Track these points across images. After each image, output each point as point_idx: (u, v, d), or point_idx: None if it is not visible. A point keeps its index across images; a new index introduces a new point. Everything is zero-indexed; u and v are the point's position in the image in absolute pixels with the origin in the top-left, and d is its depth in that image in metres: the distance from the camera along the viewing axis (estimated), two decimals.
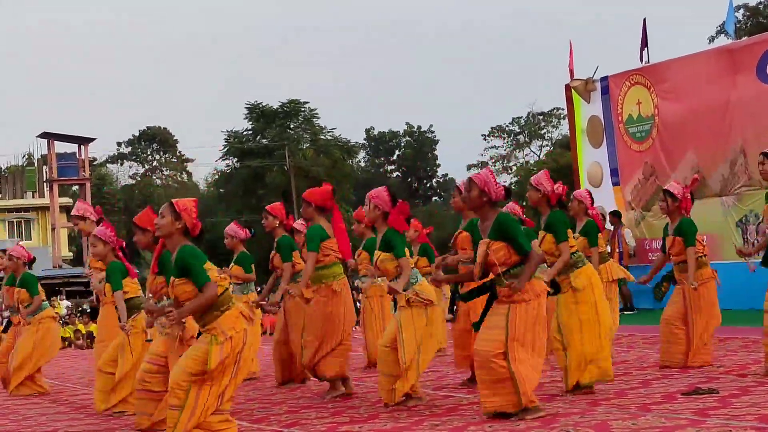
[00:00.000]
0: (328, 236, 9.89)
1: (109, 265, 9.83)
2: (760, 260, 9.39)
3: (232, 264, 12.64)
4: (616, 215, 19.03)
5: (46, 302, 12.60)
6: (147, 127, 74.78)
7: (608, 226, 18.63)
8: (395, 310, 9.39)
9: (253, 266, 12.94)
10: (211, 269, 7.35)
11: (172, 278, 7.39)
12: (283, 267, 11.01)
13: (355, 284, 17.98)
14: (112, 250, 9.86)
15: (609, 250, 17.54)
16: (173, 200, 7.54)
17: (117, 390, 9.73)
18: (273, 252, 11.28)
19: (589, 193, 11.55)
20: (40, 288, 12.37)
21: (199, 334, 7.43)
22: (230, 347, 7.17)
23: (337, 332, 9.90)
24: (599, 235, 11.12)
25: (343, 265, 10.30)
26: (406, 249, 8.97)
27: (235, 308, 7.32)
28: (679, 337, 10.32)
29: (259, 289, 15.59)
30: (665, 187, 10.65)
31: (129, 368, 9.58)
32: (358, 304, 14.76)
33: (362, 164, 71.97)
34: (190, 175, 75.87)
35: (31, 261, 12.54)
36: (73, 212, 10.89)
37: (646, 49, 19.88)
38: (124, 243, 10.16)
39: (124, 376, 9.65)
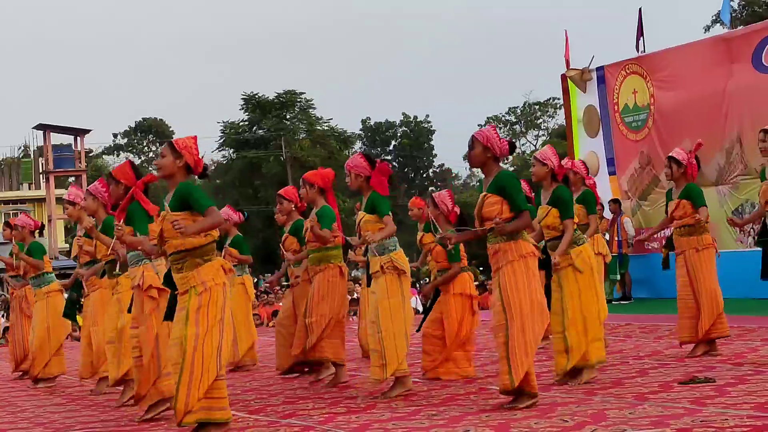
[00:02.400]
0: (335, 219, 9.95)
1: (105, 221, 9.66)
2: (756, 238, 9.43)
3: (227, 246, 12.64)
4: (616, 203, 19.02)
5: (52, 275, 12.49)
6: (143, 119, 74.67)
7: (607, 214, 18.64)
8: (368, 285, 9.38)
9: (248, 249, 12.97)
10: None
11: (164, 212, 7.27)
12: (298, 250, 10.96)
13: (353, 274, 18.02)
14: (103, 207, 9.72)
15: (608, 239, 17.58)
16: (173, 139, 7.44)
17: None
18: (285, 236, 11.19)
19: (584, 163, 11.59)
20: (48, 258, 12.34)
21: (174, 301, 7.35)
22: (208, 298, 7.11)
23: (342, 310, 10.04)
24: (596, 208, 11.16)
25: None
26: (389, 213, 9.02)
27: (216, 261, 7.27)
28: (692, 311, 10.28)
29: (256, 280, 15.59)
30: (670, 154, 10.60)
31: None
32: (356, 294, 14.79)
33: None
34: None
35: (39, 228, 12.49)
36: (65, 197, 10.94)
37: (641, 38, 19.85)
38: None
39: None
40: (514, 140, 8.22)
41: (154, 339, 8.51)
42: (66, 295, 11.79)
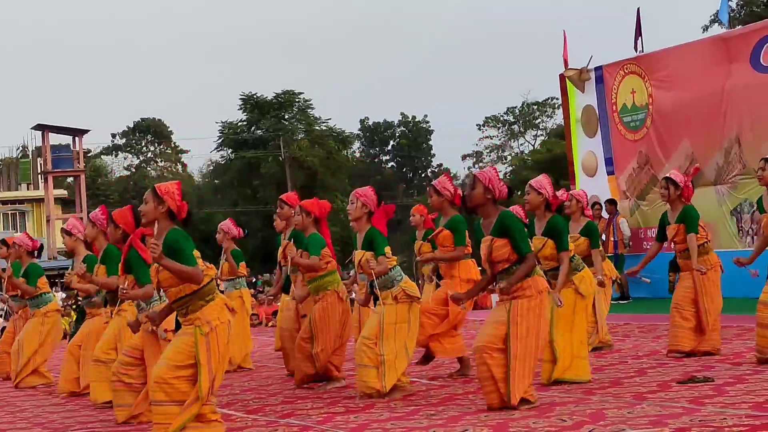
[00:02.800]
0: (325, 245, 9.93)
1: (106, 248, 9.66)
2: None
3: (223, 261, 12.66)
4: (612, 203, 19.03)
5: (51, 294, 12.48)
6: (141, 119, 74.60)
7: (604, 214, 18.66)
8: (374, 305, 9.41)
9: (243, 263, 12.98)
10: (197, 257, 7.34)
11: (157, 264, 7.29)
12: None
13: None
14: (103, 234, 9.73)
15: (603, 238, 17.59)
16: (156, 185, 7.50)
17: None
18: (285, 243, 11.10)
19: (586, 194, 11.59)
20: (44, 280, 12.30)
21: (178, 327, 7.42)
22: (215, 338, 7.16)
23: (342, 336, 10.00)
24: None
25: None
26: (387, 248, 9.02)
27: (219, 299, 7.32)
28: (689, 322, 10.29)
29: (255, 280, 15.60)
30: (668, 175, 10.62)
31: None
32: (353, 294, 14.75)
33: (357, 154, 71.88)
34: (184, 166, 75.79)
35: (36, 250, 12.43)
36: (63, 226, 10.98)
37: (640, 38, 19.85)
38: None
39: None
40: (511, 187, 8.22)
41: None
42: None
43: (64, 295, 32.97)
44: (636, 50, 19.83)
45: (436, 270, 10.35)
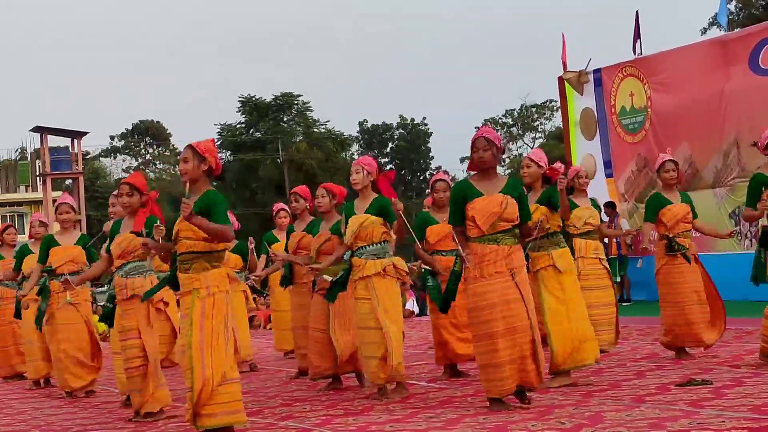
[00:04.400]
0: None
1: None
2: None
3: (228, 253, 12.62)
4: (611, 206, 19.04)
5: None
6: (140, 121, 74.69)
7: (603, 217, 18.65)
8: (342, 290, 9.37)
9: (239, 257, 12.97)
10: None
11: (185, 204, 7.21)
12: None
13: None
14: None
15: (606, 241, 17.62)
16: (192, 143, 7.40)
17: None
18: (302, 234, 10.89)
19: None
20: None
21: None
22: (212, 305, 7.13)
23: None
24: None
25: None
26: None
27: (224, 268, 7.29)
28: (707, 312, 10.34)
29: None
30: (671, 158, 10.65)
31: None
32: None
33: (355, 157, 71.89)
34: None
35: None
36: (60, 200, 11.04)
37: (638, 41, 19.88)
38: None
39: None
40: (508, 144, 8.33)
41: (157, 349, 8.57)
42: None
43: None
44: (635, 53, 19.85)
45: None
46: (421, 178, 75.64)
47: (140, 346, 8.54)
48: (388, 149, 75.08)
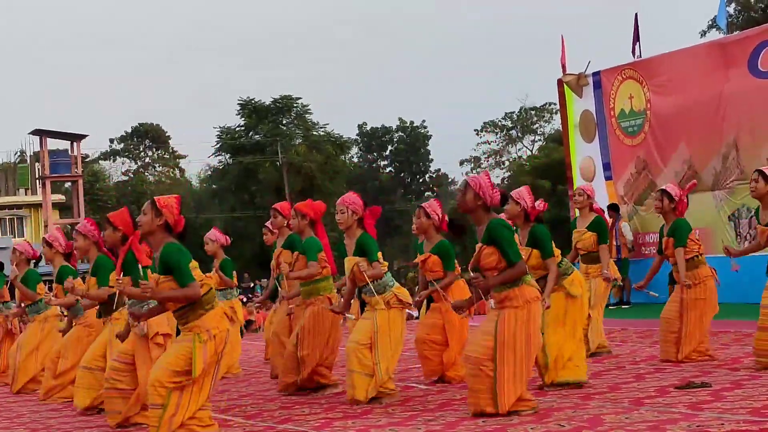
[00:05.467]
0: (322, 249, 9.91)
1: (97, 259, 9.65)
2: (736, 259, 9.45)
3: (217, 268, 12.65)
4: (614, 209, 19.01)
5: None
6: (139, 124, 74.64)
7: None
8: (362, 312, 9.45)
9: (234, 273, 12.98)
10: (195, 268, 7.38)
11: (156, 275, 7.41)
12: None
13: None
14: (95, 245, 9.72)
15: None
16: (155, 197, 7.57)
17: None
18: (279, 250, 10.93)
19: (592, 188, 11.59)
20: (42, 287, 12.35)
21: (178, 332, 7.48)
22: (213, 347, 7.23)
23: (331, 344, 9.94)
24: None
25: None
26: (379, 253, 9.04)
27: (218, 308, 7.39)
28: (674, 334, 10.31)
29: (253, 285, 15.57)
30: (663, 187, 10.63)
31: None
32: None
33: (355, 160, 71.98)
34: (182, 171, 75.80)
35: (35, 259, 12.47)
36: (44, 236, 11.12)
37: (638, 43, 19.87)
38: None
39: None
40: (507, 193, 8.15)
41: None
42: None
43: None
44: (634, 55, 19.84)
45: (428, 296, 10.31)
46: (420, 181, 75.70)
47: (128, 371, 8.53)
48: (387, 152, 75.12)
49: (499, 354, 7.54)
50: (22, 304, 12.36)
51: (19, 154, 64.83)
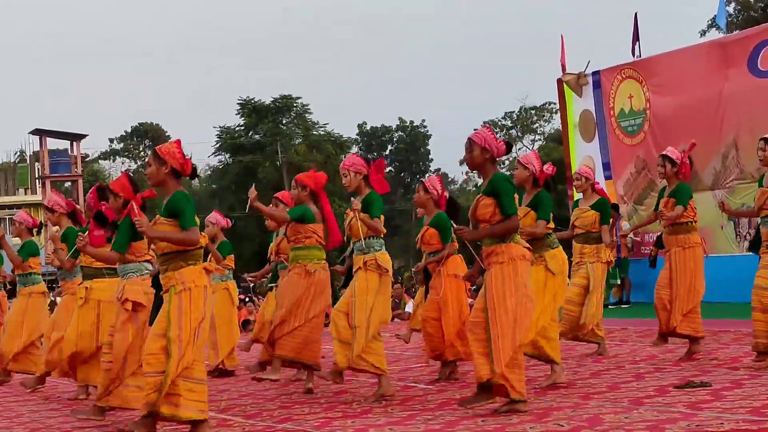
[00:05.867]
0: (314, 220, 9.85)
1: (66, 229, 9.84)
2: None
3: (214, 250, 12.64)
4: (614, 208, 19.02)
5: (39, 276, 12.43)
6: (139, 123, 74.58)
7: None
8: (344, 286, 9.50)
9: (233, 256, 12.97)
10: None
11: (156, 216, 7.42)
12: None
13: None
14: (66, 215, 9.90)
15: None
16: (156, 147, 7.59)
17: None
18: (281, 238, 11.08)
19: (591, 169, 11.66)
20: (37, 261, 12.31)
21: (160, 302, 7.48)
22: (188, 299, 7.22)
23: (300, 313, 9.75)
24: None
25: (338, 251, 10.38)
26: (382, 216, 9.07)
27: (199, 265, 7.37)
28: (666, 301, 10.39)
29: (253, 285, 15.56)
30: (664, 152, 10.67)
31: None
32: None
33: None
34: None
35: (36, 227, 12.43)
36: (44, 203, 11.14)
37: (637, 43, 19.91)
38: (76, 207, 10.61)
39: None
40: (510, 141, 8.16)
41: (125, 348, 8.47)
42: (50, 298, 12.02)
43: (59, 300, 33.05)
44: (633, 55, 19.88)
45: (424, 270, 10.39)
46: (421, 180, 75.66)
47: (110, 343, 8.58)
48: (387, 151, 75.09)
49: (491, 314, 7.55)
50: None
51: (18, 153, 64.85)
